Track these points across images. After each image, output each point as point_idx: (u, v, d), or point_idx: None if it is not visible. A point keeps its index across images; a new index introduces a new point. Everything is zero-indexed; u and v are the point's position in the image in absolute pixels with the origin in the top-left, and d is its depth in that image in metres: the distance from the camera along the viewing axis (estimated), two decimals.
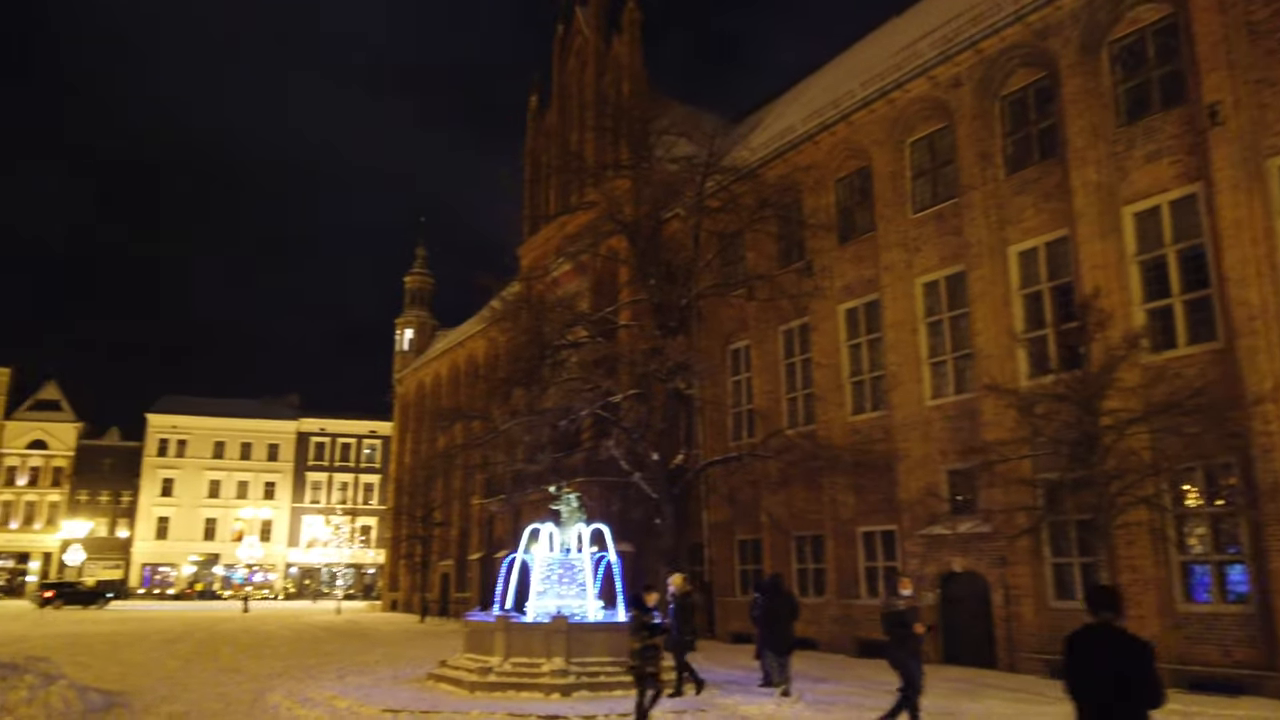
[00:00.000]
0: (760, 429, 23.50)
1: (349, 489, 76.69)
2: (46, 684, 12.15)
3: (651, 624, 9.53)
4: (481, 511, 35.66)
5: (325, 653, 21.75)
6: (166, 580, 72.08)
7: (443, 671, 14.02)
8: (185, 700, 13.14)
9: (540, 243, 33.85)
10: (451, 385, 45.11)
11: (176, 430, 73.98)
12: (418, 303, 52.85)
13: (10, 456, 70.61)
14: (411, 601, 46.00)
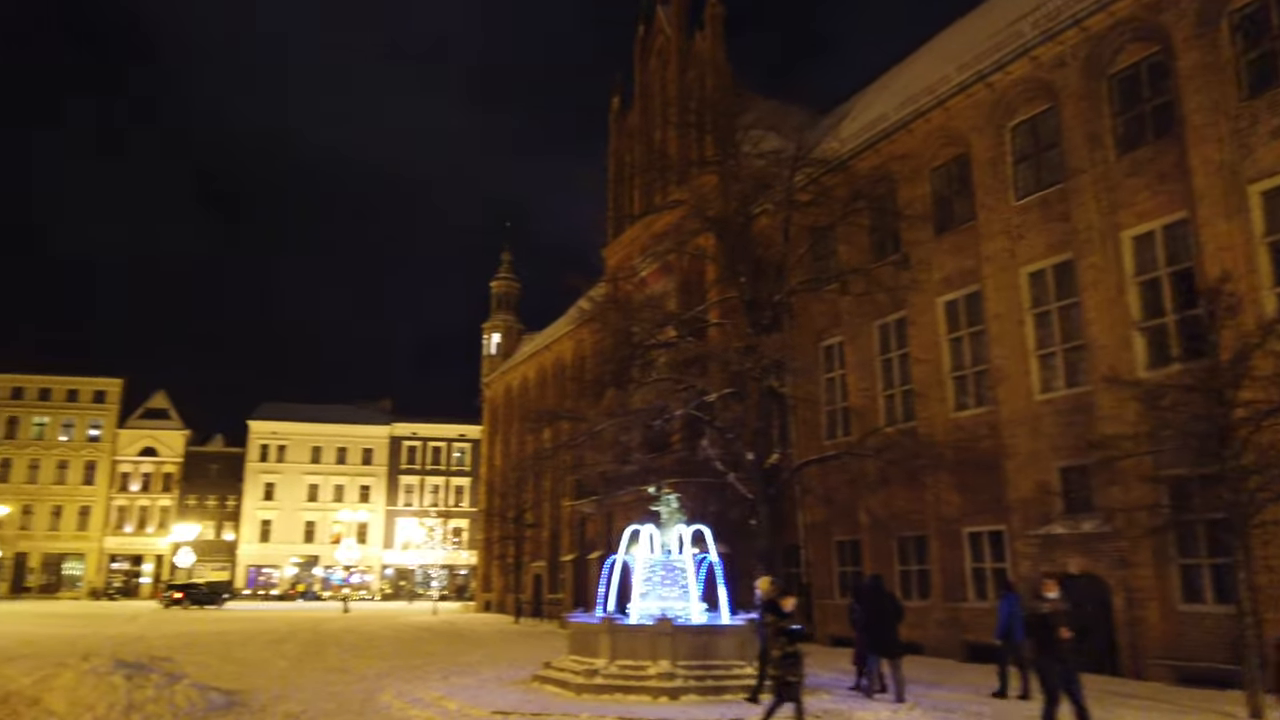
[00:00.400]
0: (856, 427, 22.96)
1: (440, 491, 78.21)
2: (171, 683, 12.57)
3: (790, 630, 9.24)
4: (573, 513, 35.84)
5: (427, 653, 22.08)
6: (270, 581, 74.70)
7: (548, 673, 14.01)
8: (299, 700, 13.41)
9: (626, 243, 33.83)
10: (539, 388, 45.54)
11: (276, 436, 76.60)
12: (504, 307, 53.54)
13: (124, 463, 74.17)
14: (505, 602, 46.60)
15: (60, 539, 71.84)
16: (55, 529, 71.87)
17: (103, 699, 11.84)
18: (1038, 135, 19.75)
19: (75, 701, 11.80)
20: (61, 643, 24.16)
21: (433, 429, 79.53)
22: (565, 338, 41.96)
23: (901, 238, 22.40)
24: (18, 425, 72.67)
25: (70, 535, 72.04)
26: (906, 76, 26.38)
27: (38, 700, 12.05)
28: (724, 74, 29.12)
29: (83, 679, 12.21)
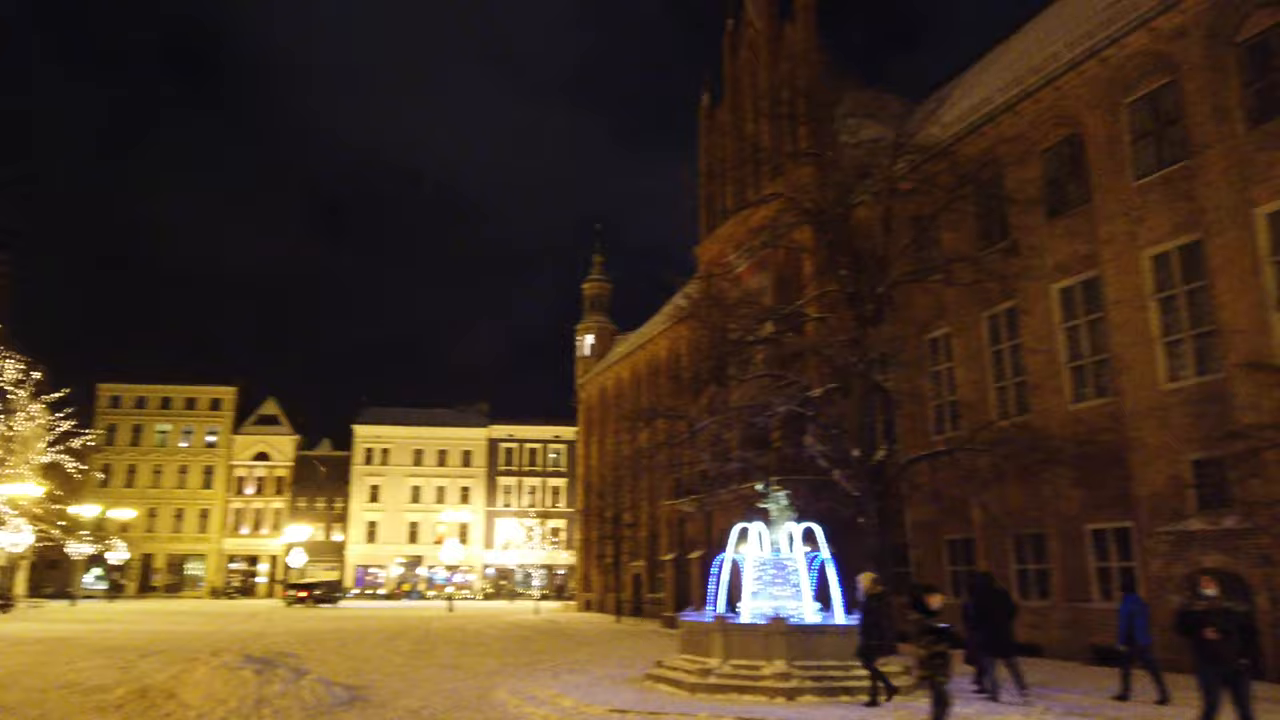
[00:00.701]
0: (966, 421, 22.20)
1: (537, 492, 79.28)
2: (297, 678, 12.96)
3: (938, 628, 8.89)
4: (672, 512, 35.76)
5: (534, 651, 22.31)
6: (376, 580, 76.99)
7: (660, 672, 13.93)
8: (417, 696, 13.66)
9: (719, 240, 33.59)
10: (633, 388, 45.63)
11: (380, 440, 78.93)
12: (596, 309, 53.86)
13: (239, 468, 77.60)
14: (604, 601, 46.86)
15: (182, 541, 75.60)
16: (178, 531, 75.68)
17: (234, 693, 12.29)
18: (1157, 111, 18.72)
19: (209, 695, 12.27)
20: (190, 639, 25.33)
21: (528, 431, 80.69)
22: (659, 337, 41.94)
23: (1010, 224, 21.56)
24: (142, 433, 76.82)
25: (191, 537, 75.75)
26: (1010, 57, 25.40)
27: (174, 694, 12.58)
28: (817, 64, 28.60)
29: (215, 673, 12.70)
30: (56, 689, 13.95)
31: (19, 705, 12.18)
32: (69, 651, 20.65)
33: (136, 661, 18.56)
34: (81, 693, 13.53)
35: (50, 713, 11.68)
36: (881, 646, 12.44)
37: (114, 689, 13.74)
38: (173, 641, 24.13)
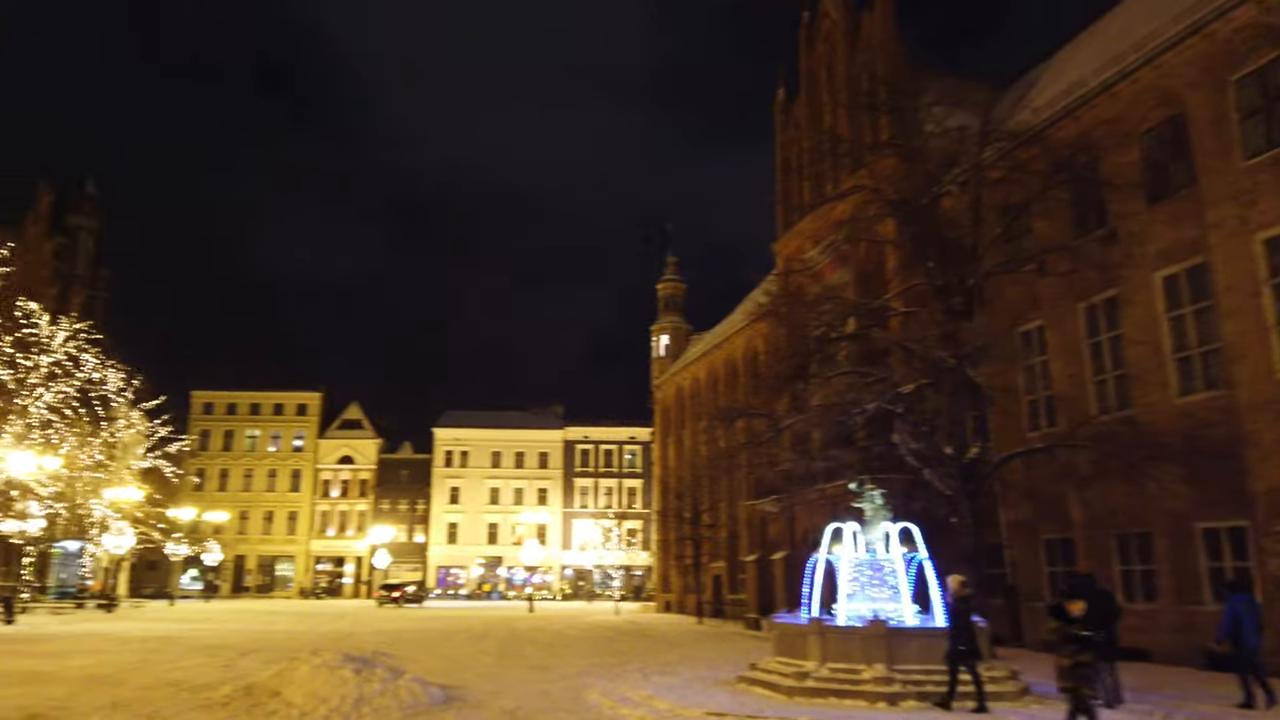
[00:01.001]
0: (1063, 417, 21.35)
1: (614, 494, 79.51)
2: (394, 677, 13.10)
3: (1081, 637, 8.45)
4: (753, 513, 35.34)
5: (619, 652, 22.25)
6: (457, 581, 78.21)
7: (754, 674, 13.68)
8: (511, 696, 13.67)
9: (797, 236, 33.10)
10: (710, 388, 45.31)
11: (459, 443, 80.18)
12: (671, 309, 53.70)
13: (325, 471, 79.71)
14: (684, 602, 46.63)
15: (272, 542, 77.99)
16: (268, 533, 78.11)
17: (335, 691, 12.47)
18: (1268, 86, 17.69)
19: (311, 693, 12.48)
20: (284, 638, 25.98)
21: (603, 432, 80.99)
22: (736, 336, 41.58)
23: (1109, 210, 20.66)
24: (233, 438, 79.55)
25: (281, 539, 78.10)
26: (1103, 38, 24.39)
27: (277, 692, 12.83)
28: (896, 53, 27.97)
29: (316, 672, 12.92)
30: (164, 686, 14.37)
31: (131, 702, 12.56)
32: (172, 650, 21.35)
33: (236, 660, 19.06)
34: (188, 690, 13.90)
35: (161, 709, 12.00)
36: (969, 651, 11.97)
37: (219, 687, 14.09)
38: (268, 641, 24.77)
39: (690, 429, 47.61)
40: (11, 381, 31.84)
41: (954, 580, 12.87)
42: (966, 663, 11.80)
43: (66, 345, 33.97)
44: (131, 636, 25.58)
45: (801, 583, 14.45)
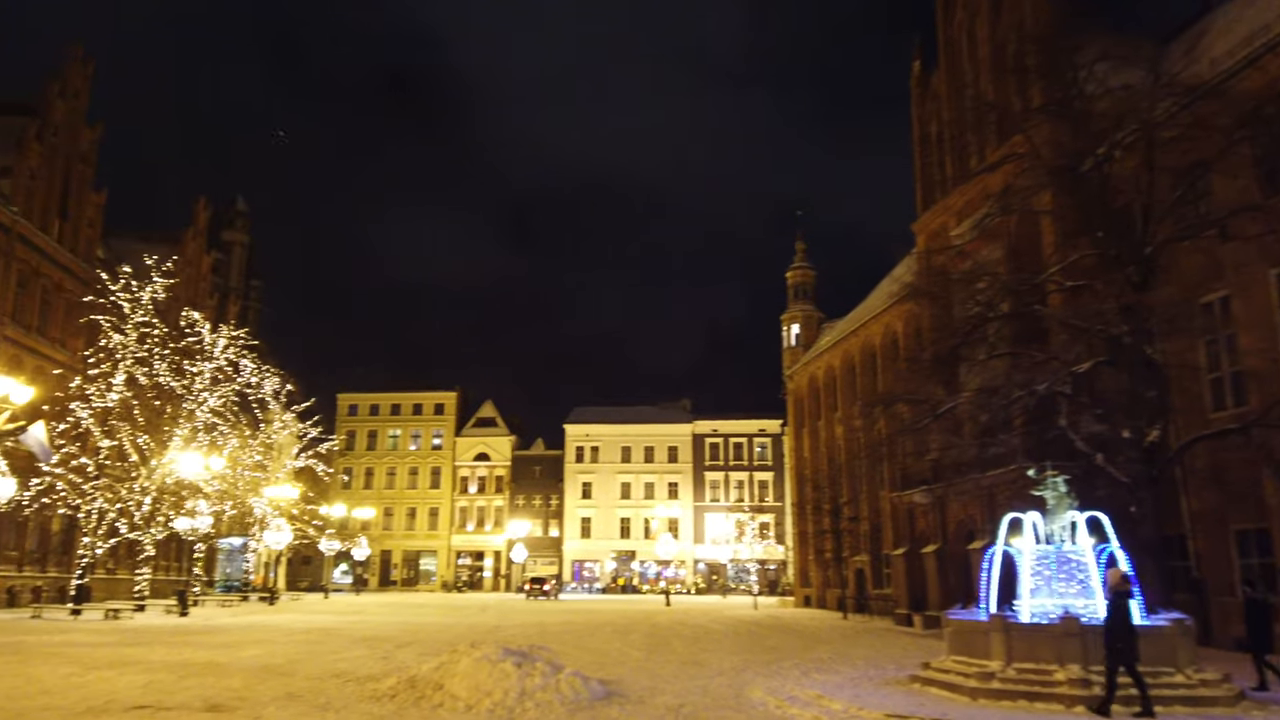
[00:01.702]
0: (1255, 395, 19.42)
1: (745, 487, 78.61)
2: (555, 672, 12.93)
3: None
4: (898, 505, 33.97)
5: (770, 648, 21.63)
6: (592, 575, 79.08)
7: (929, 674, 12.85)
8: (670, 693, 13.31)
9: (940, 213, 31.57)
10: (847, 375, 43.94)
11: (589, 438, 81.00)
12: (801, 297, 52.49)
13: (463, 468, 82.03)
14: (825, 597, 45.50)
15: (415, 538, 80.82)
16: (411, 529, 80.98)
17: (498, 685, 12.38)
18: None
19: (474, 687, 12.43)
20: (436, 630, 26.55)
21: (732, 425, 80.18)
22: (873, 321, 40.15)
23: None
24: (376, 438, 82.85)
25: (423, 534, 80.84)
26: None
27: (441, 685, 12.85)
28: (1047, 12, 26.15)
29: (478, 666, 12.87)
30: (331, 677, 14.68)
31: (304, 693, 12.82)
32: (333, 641, 22.03)
33: (394, 651, 19.46)
34: (355, 681, 14.14)
35: (333, 700, 12.19)
36: (1126, 651, 10.79)
37: (383, 678, 14.29)
38: (421, 633, 25.32)
39: (825, 419, 46.36)
40: (179, 388, 33.81)
41: (1113, 573, 11.79)
42: (1124, 663, 10.75)
43: (226, 352, 35.85)
44: (294, 628, 26.65)
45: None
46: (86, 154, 39.73)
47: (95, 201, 40.44)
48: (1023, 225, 26.04)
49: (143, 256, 33.92)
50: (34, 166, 35.21)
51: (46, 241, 36.05)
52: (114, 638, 21.60)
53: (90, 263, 39.05)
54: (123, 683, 13.31)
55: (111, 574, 41.45)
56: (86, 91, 39.55)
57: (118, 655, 17.27)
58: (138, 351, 31.66)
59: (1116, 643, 10.81)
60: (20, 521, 33.59)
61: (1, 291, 33.07)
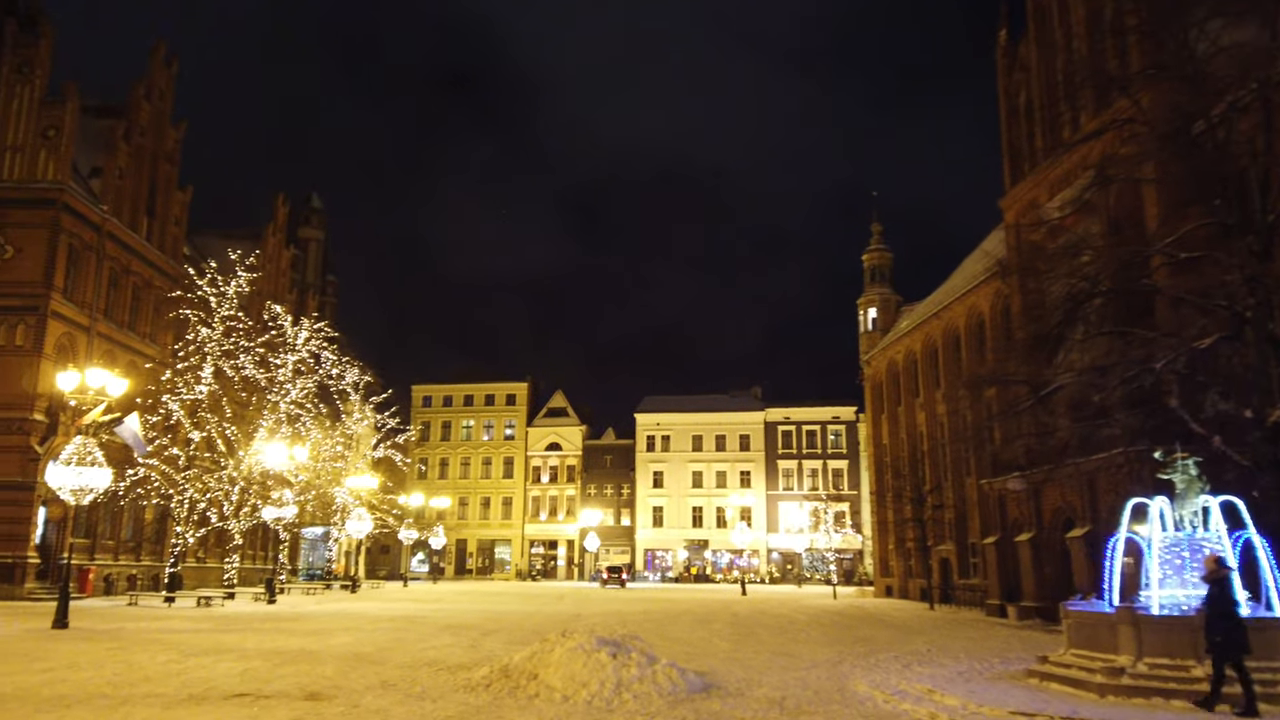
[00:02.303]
0: None
1: (818, 475, 77.46)
2: (651, 663, 12.55)
3: None
4: (986, 492, 32.76)
5: (860, 639, 20.99)
6: (664, 564, 78.89)
7: (1048, 669, 12.12)
8: (768, 685, 12.84)
9: (1030, 187, 30.24)
10: (928, 359, 42.69)
11: (660, 427, 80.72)
12: (878, 279, 51.17)
13: (535, 458, 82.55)
14: (906, 587, 44.41)
15: (490, 527, 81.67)
16: (485, 518, 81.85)
17: (594, 676, 12.06)
18: None
19: (569, 677, 12.13)
20: (518, 618, 26.51)
21: (804, 412, 79.05)
22: (956, 303, 38.85)
23: None
24: (450, 428, 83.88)
25: (497, 523, 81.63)
26: None
27: (535, 674, 12.59)
28: None
29: (572, 655, 12.57)
30: (423, 666, 14.57)
31: (399, 681, 12.70)
32: (419, 629, 22.08)
33: (480, 640, 19.37)
34: (447, 670, 13.99)
35: (428, 690, 12.02)
36: (1229, 644, 9.90)
37: (474, 667, 14.12)
38: (504, 621, 25.29)
39: (906, 404, 45.15)
40: (264, 380, 34.45)
41: (1208, 559, 10.89)
42: (1228, 656, 9.91)
43: (308, 344, 36.41)
44: (379, 616, 26.88)
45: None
46: (171, 153, 40.73)
47: (180, 199, 41.46)
48: (1124, 196, 24.74)
49: (227, 251, 34.60)
50: (122, 166, 36.18)
51: (135, 239, 37.05)
52: (207, 625, 21.99)
53: (177, 260, 40.06)
54: (220, 670, 13.37)
55: (201, 562, 42.64)
56: (171, 92, 40.52)
57: (213, 642, 17.48)
58: (224, 345, 32.31)
59: (1215, 635, 10.06)
60: (116, 512, 34.67)
61: (94, 289, 34.07)
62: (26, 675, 12.17)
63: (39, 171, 32.05)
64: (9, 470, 29.98)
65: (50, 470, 20.26)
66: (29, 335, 31.05)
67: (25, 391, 30.53)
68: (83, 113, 33.89)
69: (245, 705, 10.51)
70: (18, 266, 31.38)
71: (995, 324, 34.75)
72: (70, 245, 32.71)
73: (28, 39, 32.71)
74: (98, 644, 16.50)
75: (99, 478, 20.18)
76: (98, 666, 13.21)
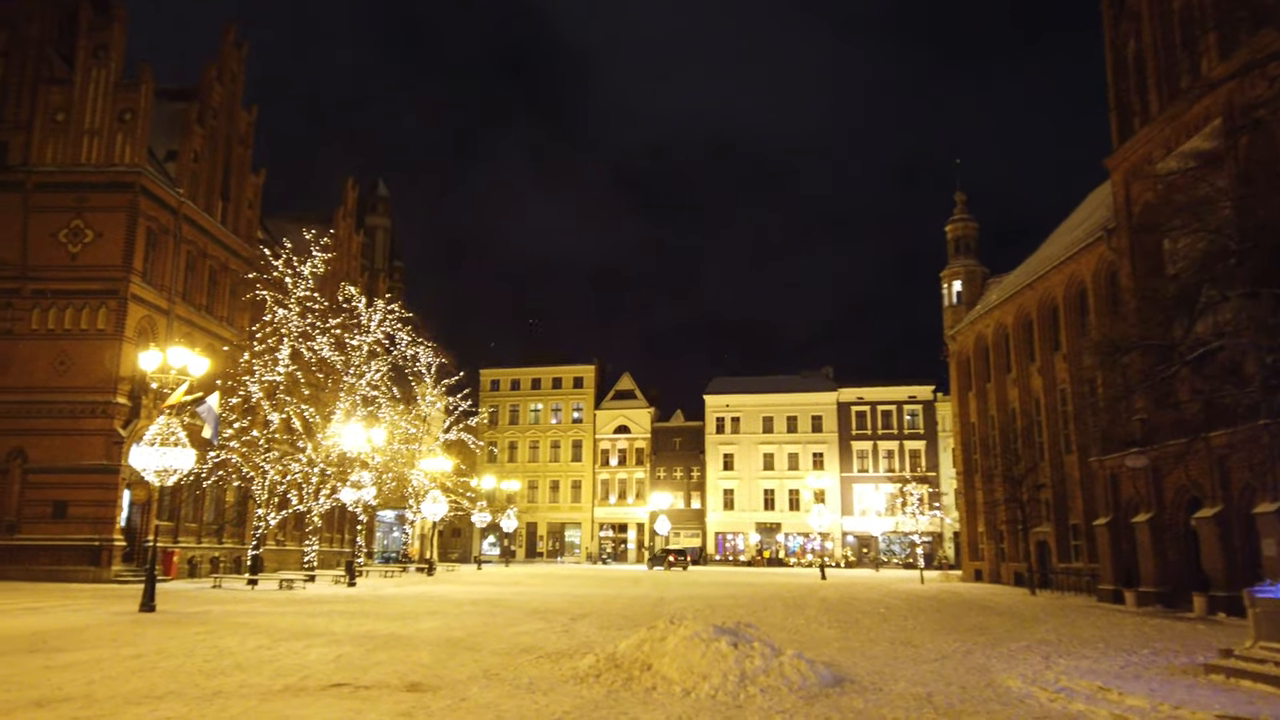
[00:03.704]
0: None
1: (894, 456, 75.36)
2: (775, 654, 11.44)
3: None
4: (1098, 469, 30.70)
5: (974, 627, 19.57)
6: (736, 547, 77.73)
7: (1234, 664, 10.69)
8: (904, 679, 11.63)
9: (1142, 143, 28.13)
10: (1022, 332, 40.53)
11: (729, 409, 79.37)
12: (963, 251, 48.96)
13: (603, 441, 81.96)
14: (998, 571, 42.54)
15: (559, 510, 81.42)
16: (555, 501, 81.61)
17: (714, 667, 10.98)
18: None
19: (688, 669, 11.09)
20: (603, 602, 25.63)
21: (878, 392, 76.92)
22: (1054, 271, 36.73)
23: None
24: (518, 412, 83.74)
25: (567, 506, 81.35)
26: None
27: (649, 665, 11.57)
28: None
29: (689, 645, 11.51)
30: (520, 653, 13.69)
31: (500, 670, 11.82)
32: (505, 613, 21.32)
33: (572, 625, 18.50)
34: (548, 659, 13.07)
35: (536, 681, 11.09)
36: None
37: (576, 655, 13.21)
38: (589, 605, 24.43)
39: (996, 380, 43.09)
40: (340, 362, 34.14)
41: None
42: None
43: (383, 325, 36.03)
44: (460, 599, 26.27)
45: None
46: (244, 136, 40.66)
47: (254, 183, 41.41)
48: (1255, 146, 22.65)
49: (300, 232, 34.31)
50: (197, 149, 36.10)
51: (211, 223, 37.02)
52: (292, 608, 21.55)
53: (251, 243, 40.03)
54: (313, 656, 12.65)
55: (281, 545, 42.82)
56: (242, 74, 40.41)
57: (301, 626, 16.90)
58: (300, 326, 32.03)
59: None
60: (199, 495, 34.79)
61: (172, 272, 34.08)
62: (115, 663, 11.57)
63: (116, 155, 32.05)
64: (94, 454, 30.14)
65: (134, 452, 19.92)
66: (110, 319, 31.13)
67: (108, 375, 30.64)
68: (156, 97, 33.82)
69: (345, 697, 9.68)
70: (98, 250, 31.46)
71: (1100, 291, 32.65)
72: (148, 228, 32.70)
73: (102, 22, 32.69)
74: (185, 628, 16.01)
75: (182, 458, 19.78)
76: (187, 653, 12.59)
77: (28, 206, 31.63)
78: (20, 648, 12.74)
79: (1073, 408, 34.83)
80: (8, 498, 29.88)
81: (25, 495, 29.93)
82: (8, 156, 31.96)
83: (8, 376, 30.70)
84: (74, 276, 31.27)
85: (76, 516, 29.69)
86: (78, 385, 30.60)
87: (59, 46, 33.24)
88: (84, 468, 29.91)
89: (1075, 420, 34.29)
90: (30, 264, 31.34)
